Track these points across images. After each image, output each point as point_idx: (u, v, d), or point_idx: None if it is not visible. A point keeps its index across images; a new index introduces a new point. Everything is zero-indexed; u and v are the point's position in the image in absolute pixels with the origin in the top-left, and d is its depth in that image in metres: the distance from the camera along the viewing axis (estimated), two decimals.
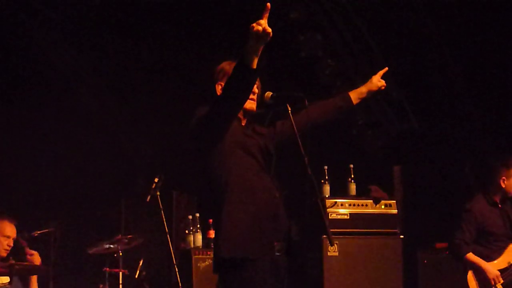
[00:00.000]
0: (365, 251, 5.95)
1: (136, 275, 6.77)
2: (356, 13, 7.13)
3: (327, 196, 6.08)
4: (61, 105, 7.69)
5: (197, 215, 6.67)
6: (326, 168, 6.20)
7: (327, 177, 6.20)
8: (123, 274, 6.50)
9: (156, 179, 6.40)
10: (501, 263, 5.61)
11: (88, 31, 7.51)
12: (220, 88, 3.59)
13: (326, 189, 6.16)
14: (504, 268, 5.59)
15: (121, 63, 7.81)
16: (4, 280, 5.46)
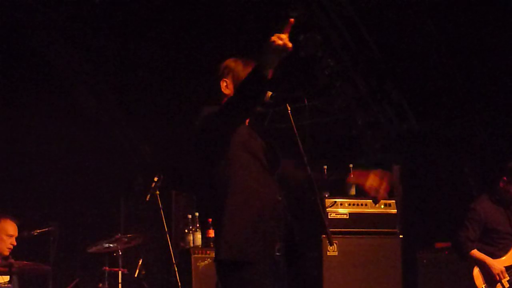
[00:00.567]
0: (365, 250, 5.95)
1: (136, 274, 6.77)
2: (356, 13, 7.13)
3: (326, 195, 6.08)
4: (60, 104, 7.68)
5: (196, 214, 6.67)
6: (325, 167, 6.20)
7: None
8: (123, 273, 6.49)
9: (155, 178, 6.40)
10: (507, 260, 5.69)
11: (87, 30, 7.51)
12: (224, 85, 3.57)
13: None
14: (511, 265, 5.66)
15: (120, 62, 7.81)
16: (4, 279, 5.48)
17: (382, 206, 6.11)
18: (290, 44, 3.09)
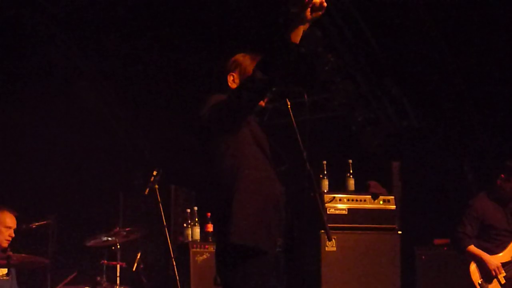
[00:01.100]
0: (363, 246, 5.96)
1: (134, 268, 6.76)
2: (356, 9, 7.12)
3: (325, 191, 6.09)
4: (59, 100, 7.67)
5: (195, 208, 6.67)
6: (324, 163, 6.21)
7: (325, 172, 6.20)
8: (121, 267, 6.49)
9: (154, 172, 6.40)
10: (504, 256, 5.75)
11: (87, 26, 7.50)
12: (231, 79, 3.53)
13: (325, 184, 6.17)
14: (508, 261, 5.71)
15: (120, 59, 7.80)
16: (2, 271, 5.48)
17: (381, 202, 6.12)
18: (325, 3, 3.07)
